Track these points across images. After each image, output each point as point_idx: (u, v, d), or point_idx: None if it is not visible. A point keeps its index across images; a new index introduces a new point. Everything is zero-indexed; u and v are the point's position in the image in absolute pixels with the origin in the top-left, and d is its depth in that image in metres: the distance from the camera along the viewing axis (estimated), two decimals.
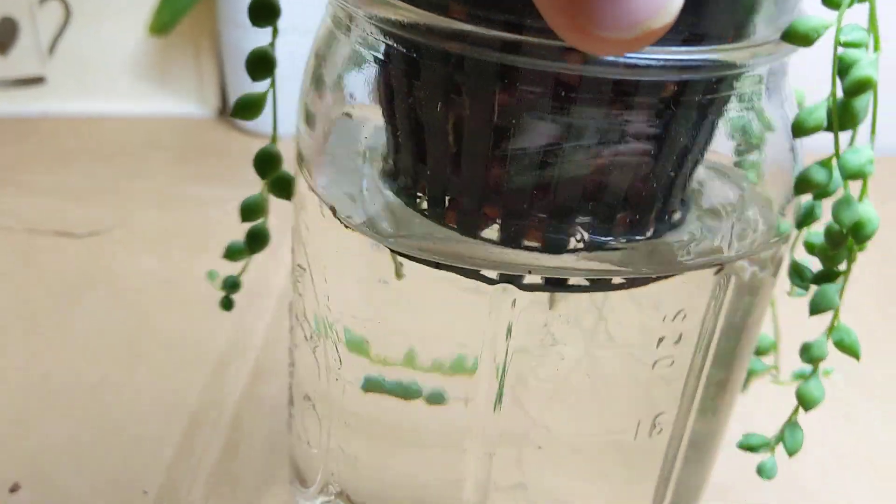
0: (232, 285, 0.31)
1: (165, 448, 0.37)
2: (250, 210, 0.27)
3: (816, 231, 0.22)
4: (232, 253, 0.29)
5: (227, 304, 0.31)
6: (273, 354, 0.42)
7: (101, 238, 0.51)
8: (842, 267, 0.21)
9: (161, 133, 0.65)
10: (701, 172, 0.21)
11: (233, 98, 0.67)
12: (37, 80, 0.65)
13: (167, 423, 0.38)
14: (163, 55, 0.67)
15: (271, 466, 0.36)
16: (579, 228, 0.20)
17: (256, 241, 0.28)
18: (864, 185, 0.19)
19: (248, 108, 0.25)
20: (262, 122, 0.67)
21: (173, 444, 0.37)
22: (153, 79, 0.67)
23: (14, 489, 0.34)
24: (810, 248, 0.21)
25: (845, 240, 0.20)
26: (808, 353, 0.22)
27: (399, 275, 0.22)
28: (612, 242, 0.21)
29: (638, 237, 0.21)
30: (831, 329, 0.21)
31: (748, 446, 0.25)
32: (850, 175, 0.19)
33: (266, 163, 0.26)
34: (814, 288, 0.22)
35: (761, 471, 0.26)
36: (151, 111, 0.67)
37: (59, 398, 0.39)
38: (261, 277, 0.48)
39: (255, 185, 0.27)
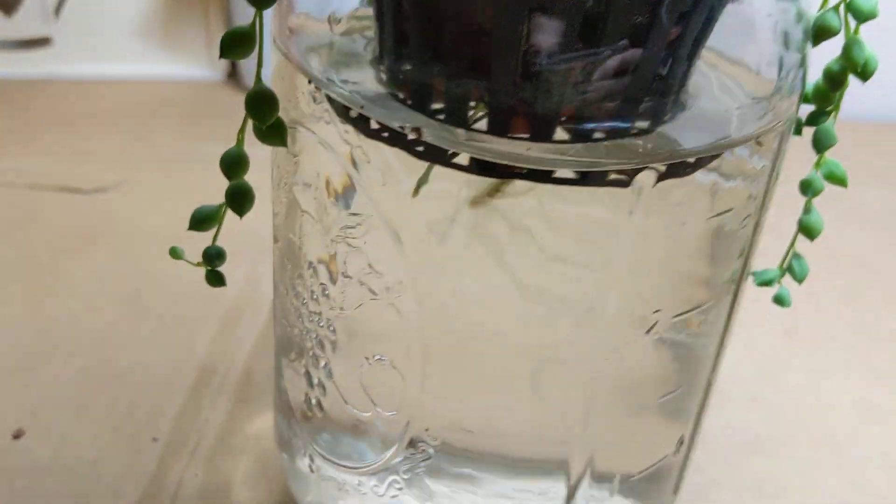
0: (217, 256, 0.25)
1: (174, 397, 0.35)
2: (235, 163, 0.22)
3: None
4: (201, 221, 0.24)
5: (215, 279, 0.26)
6: None
7: (107, 194, 0.50)
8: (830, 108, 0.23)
9: (169, 95, 0.64)
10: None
11: (242, 61, 0.65)
12: (43, 42, 0.64)
13: (175, 374, 0.36)
14: (171, 17, 0.66)
15: None
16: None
17: (241, 199, 0.23)
18: (858, 28, 0.21)
19: (237, 43, 0.20)
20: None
21: (182, 393, 0.35)
22: (161, 41, 0.66)
23: (17, 435, 0.33)
24: (804, 97, 0.23)
25: (845, 80, 0.22)
26: (809, 187, 0.25)
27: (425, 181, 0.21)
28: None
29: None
30: (819, 164, 0.24)
31: (764, 281, 0.27)
32: (864, 18, 0.20)
33: (263, 103, 0.21)
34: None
35: (780, 300, 0.28)
36: (159, 74, 0.66)
37: (62, 347, 0.37)
38: (270, 225, 0.47)
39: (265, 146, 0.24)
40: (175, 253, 0.25)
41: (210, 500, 0.31)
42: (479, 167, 0.20)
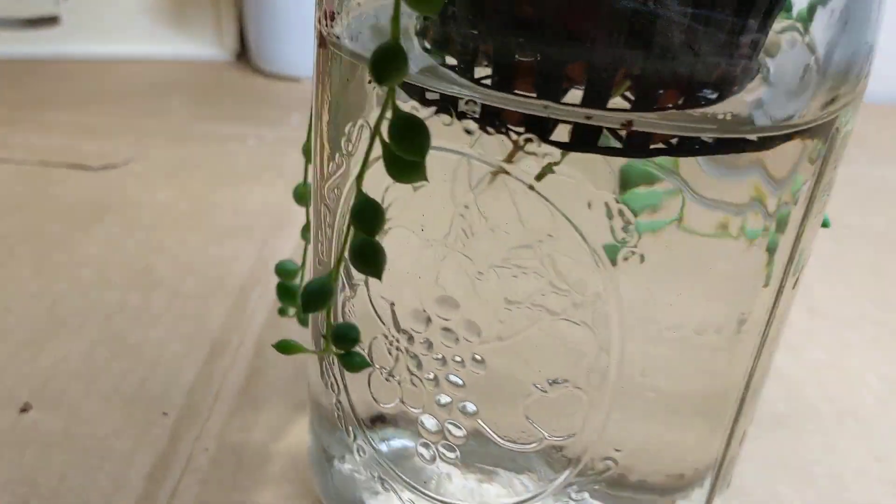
0: (349, 335, 0.21)
1: (186, 372, 0.35)
2: (371, 217, 0.18)
3: None
4: (316, 297, 0.20)
5: (353, 364, 0.22)
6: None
7: (116, 171, 0.49)
8: None
9: (179, 75, 0.64)
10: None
11: (251, 41, 0.65)
12: (51, 21, 0.64)
13: (187, 348, 0.36)
14: None
15: (298, 392, 0.34)
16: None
17: (374, 259, 0.19)
18: None
19: (392, 61, 0.16)
20: (283, 63, 0.65)
21: (194, 368, 0.35)
22: (171, 21, 0.65)
23: (25, 409, 0.32)
24: None
25: None
26: None
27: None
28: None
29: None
30: None
31: None
32: None
33: (413, 132, 0.17)
34: None
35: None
36: (169, 54, 0.65)
37: (71, 321, 0.37)
38: (282, 201, 0.46)
39: (277, 123, 0.20)
40: (287, 347, 0.22)
41: (221, 475, 0.30)
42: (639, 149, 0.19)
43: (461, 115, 0.19)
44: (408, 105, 0.20)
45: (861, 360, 0.38)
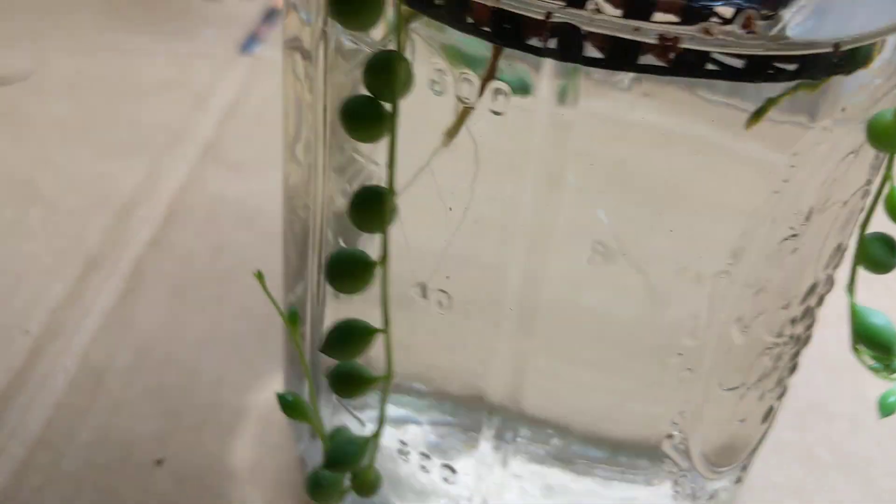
0: None
1: (54, 288, 0.32)
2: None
3: None
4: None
5: None
6: (191, 200, 0.38)
7: (11, 87, 0.46)
8: None
9: None
10: None
11: None
12: None
13: (59, 263, 0.33)
14: None
15: (174, 311, 0.32)
16: None
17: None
18: None
19: None
20: None
21: (64, 284, 0.32)
22: None
23: None
24: None
25: None
26: None
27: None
28: None
29: None
30: None
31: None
32: None
33: None
34: None
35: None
36: None
37: None
38: (183, 118, 0.43)
39: (191, 39, 0.18)
40: None
41: (78, 394, 0.28)
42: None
43: None
44: None
45: None
